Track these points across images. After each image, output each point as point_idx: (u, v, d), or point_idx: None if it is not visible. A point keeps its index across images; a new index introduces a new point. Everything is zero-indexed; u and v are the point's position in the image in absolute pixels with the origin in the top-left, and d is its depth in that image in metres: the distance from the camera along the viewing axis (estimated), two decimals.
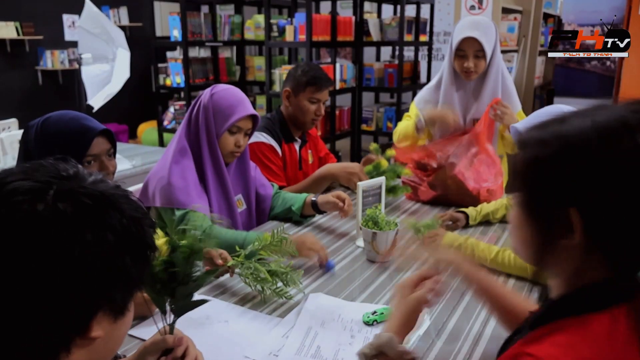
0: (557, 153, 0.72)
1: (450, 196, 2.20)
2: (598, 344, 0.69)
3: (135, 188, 1.97)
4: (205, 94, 1.88)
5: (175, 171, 1.78)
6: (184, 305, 1.03)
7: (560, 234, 0.72)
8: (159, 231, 1.00)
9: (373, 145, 2.32)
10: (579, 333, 0.70)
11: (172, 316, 1.04)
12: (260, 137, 2.28)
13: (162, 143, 5.51)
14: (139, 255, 0.69)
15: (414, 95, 2.39)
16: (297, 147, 2.44)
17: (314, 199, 2.01)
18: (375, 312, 1.35)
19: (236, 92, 1.89)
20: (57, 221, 0.61)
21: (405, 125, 2.40)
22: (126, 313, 0.71)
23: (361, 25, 4.94)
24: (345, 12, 5.77)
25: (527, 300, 1.13)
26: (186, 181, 1.78)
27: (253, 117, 1.89)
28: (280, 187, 2.23)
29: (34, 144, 1.45)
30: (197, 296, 1.06)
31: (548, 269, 0.79)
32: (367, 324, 1.33)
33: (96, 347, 0.68)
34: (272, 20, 4.63)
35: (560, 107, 1.51)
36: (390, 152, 2.28)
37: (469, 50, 2.19)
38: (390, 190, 2.21)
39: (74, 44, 5.82)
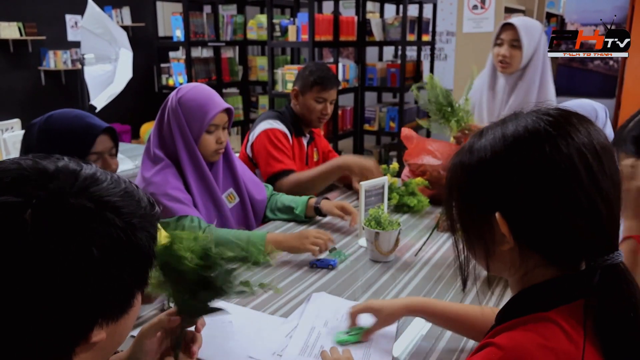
0: (474, 164, 0.79)
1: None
2: (547, 339, 0.71)
3: None
4: (171, 99, 1.83)
5: (158, 180, 1.76)
6: (201, 309, 0.99)
7: (495, 240, 0.78)
8: (163, 234, 0.99)
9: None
10: (531, 329, 0.73)
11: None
12: (274, 124, 2.36)
13: None
14: (134, 263, 0.66)
15: (417, 95, 2.42)
16: (305, 142, 2.51)
17: (316, 205, 2.03)
18: (348, 332, 1.26)
19: (203, 89, 1.85)
20: (37, 239, 0.58)
21: None
22: (130, 310, 0.70)
23: (364, 25, 4.94)
24: (348, 12, 5.77)
25: (486, 310, 1.16)
26: (170, 187, 1.76)
27: (228, 110, 1.87)
28: (291, 170, 2.28)
29: (37, 142, 1.44)
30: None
31: (499, 272, 0.83)
32: (340, 344, 1.23)
33: (101, 346, 0.67)
34: (274, 20, 4.63)
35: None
36: (394, 166, 2.25)
37: (505, 37, 2.27)
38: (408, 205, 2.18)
39: (76, 44, 5.82)
